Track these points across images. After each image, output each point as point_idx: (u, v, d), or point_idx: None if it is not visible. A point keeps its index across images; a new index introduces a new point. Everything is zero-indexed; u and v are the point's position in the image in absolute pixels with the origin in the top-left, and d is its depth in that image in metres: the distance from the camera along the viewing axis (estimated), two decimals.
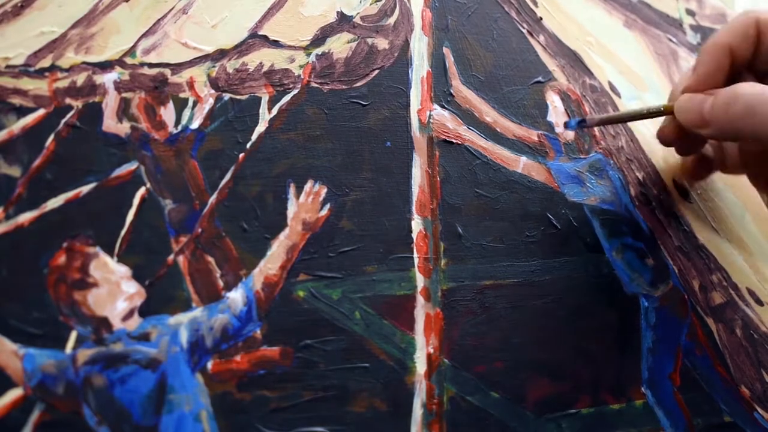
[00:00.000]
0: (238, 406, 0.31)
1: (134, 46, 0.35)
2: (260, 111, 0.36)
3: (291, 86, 0.37)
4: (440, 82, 0.40)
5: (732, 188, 0.45)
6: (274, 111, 0.36)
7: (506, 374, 0.35)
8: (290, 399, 0.32)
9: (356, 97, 0.38)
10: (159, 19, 0.36)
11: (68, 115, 0.33)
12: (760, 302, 0.42)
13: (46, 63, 0.34)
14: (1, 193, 0.31)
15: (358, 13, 0.40)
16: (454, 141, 0.39)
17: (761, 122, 0.31)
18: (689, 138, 0.37)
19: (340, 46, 0.39)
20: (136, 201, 0.33)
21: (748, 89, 0.32)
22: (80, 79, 0.34)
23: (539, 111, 0.42)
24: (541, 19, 0.44)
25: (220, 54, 0.36)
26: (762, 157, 0.38)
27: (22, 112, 0.33)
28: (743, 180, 0.41)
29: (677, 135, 0.37)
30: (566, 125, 0.41)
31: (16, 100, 0.33)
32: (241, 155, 0.35)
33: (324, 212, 0.35)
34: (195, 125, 0.35)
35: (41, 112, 0.33)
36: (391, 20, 0.40)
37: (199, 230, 0.33)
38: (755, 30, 0.34)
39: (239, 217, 0.34)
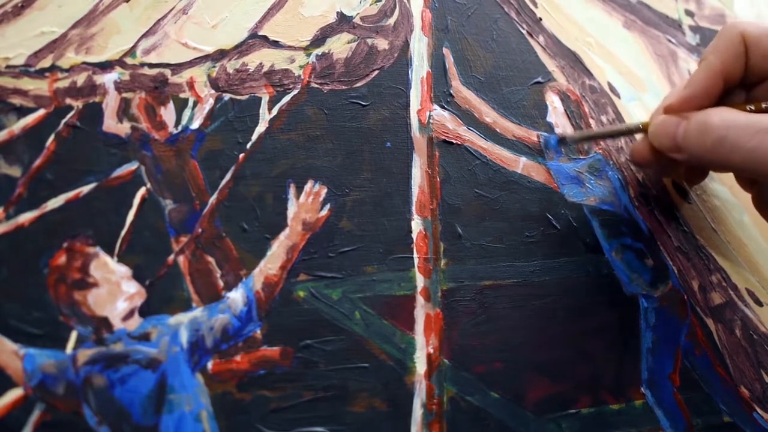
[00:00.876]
0: (238, 406, 0.31)
1: (134, 47, 0.35)
2: (260, 111, 0.36)
3: (291, 86, 0.37)
4: (440, 83, 0.40)
5: (731, 189, 0.45)
6: (274, 111, 0.36)
7: (506, 374, 0.35)
8: (290, 399, 0.32)
9: (356, 98, 0.38)
10: (159, 20, 0.36)
11: (68, 115, 0.33)
12: (759, 303, 0.42)
13: (46, 63, 0.34)
14: (1, 193, 0.31)
15: (357, 14, 0.40)
16: (454, 141, 0.39)
17: (732, 152, 0.31)
18: (664, 159, 0.36)
19: (340, 46, 0.39)
20: (136, 201, 0.33)
21: (718, 120, 0.32)
22: (80, 79, 0.34)
23: (539, 111, 0.42)
24: (540, 19, 0.45)
25: (220, 54, 0.36)
26: None
27: (22, 112, 0.32)
28: None
29: (652, 156, 0.36)
30: (546, 144, 0.41)
31: (17, 100, 0.33)
32: (241, 155, 0.35)
33: (324, 212, 0.35)
34: (195, 125, 0.35)
35: (41, 112, 0.33)
36: (391, 21, 0.40)
37: (200, 230, 0.33)
38: (743, 47, 0.34)
39: (239, 217, 0.34)
